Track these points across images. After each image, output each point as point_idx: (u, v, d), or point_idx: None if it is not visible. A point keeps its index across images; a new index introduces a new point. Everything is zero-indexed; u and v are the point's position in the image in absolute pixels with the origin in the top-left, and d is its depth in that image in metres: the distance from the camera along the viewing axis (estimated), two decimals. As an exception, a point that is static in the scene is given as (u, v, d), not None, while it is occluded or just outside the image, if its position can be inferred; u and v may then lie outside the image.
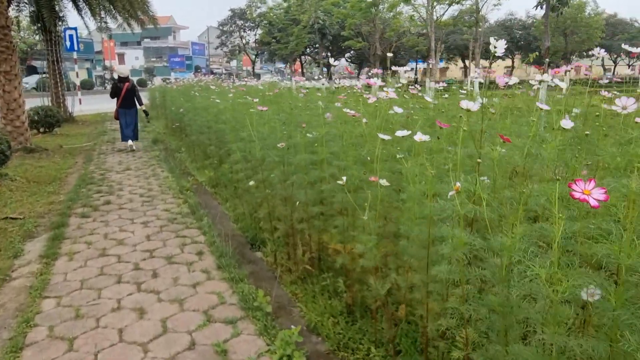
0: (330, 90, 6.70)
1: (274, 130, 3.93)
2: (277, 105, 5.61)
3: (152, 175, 7.44)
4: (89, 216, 5.30)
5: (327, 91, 6.51)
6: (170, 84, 20.11)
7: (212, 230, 4.76)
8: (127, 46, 66.37)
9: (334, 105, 3.85)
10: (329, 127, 3.28)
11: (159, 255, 4.16)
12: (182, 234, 4.74)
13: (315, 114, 3.82)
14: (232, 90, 8.46)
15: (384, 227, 2.44)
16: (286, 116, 3.93)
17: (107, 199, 6.02)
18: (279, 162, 3.34)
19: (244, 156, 4.74)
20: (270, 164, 3.51)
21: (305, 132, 3.29)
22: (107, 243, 4.47)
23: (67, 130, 13.52)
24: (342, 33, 27.16)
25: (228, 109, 6.37)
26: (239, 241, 4.49)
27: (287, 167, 3.31)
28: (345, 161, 2.83)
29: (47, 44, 14.96)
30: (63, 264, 3.98)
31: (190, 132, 8.96)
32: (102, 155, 9.42)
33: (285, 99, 5.25)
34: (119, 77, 9.75)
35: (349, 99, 4.13)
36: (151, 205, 5.74)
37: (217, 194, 6.27)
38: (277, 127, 3.86)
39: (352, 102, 3.83)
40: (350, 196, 2.55)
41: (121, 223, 5.08)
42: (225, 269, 3.79)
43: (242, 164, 4.90)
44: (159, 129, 13.66)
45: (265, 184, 3.80)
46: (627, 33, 48.57)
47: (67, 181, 7.09)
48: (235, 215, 5.29)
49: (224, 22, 41.21)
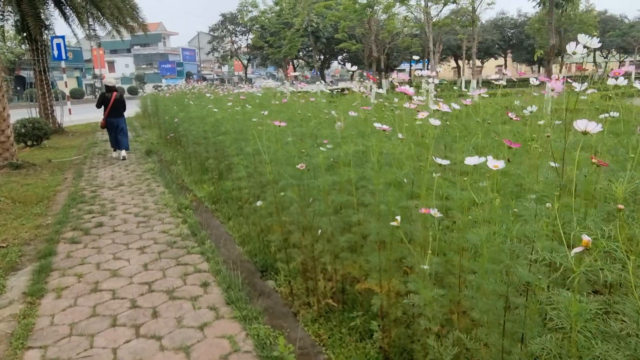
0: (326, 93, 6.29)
1: (285, 145, 3.49)
2: (281, 114, 5.18)
3: (147, 191, 6.96)
4: (79, 242, 4.83)
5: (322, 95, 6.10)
6: (162, 91, 19.63)
7: (216, 255, 4.30)
8: (116, 54, 65.68)
9: (351, 114, 3.43)
10: (351, 141, 2.84)
11: (159, 289, 3.69)
12: (184, 260, 4.27)
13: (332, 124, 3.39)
14: (230, 98, 8.02)
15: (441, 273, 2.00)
16: (301, 130, 3.48)
17: (99, 220, 5.55)
18: (295, 185, 2.89)
19: (249, 173, 4.30)
20: (285, 186, 3.05)
21: (325, 149, 2.85)
22: (99, 275, 4.00)
23: (56, 143, 13.00)
24: (336, 35, 26.74)
25: (227, 119, 5.93)
26: (247, 268, 4.04)
27: (307, 191, 2.86)
28: (376, 185, 2.39)
29: (34, 53, 14.42)
30: (50, 304, 3.50)
31: (186, 143, 8.49)
32: (93, 170, 8.92)
33: (293, 108, 4.81)
34: (107, 87, 9.92)
35: (359, 104, 3.71)
36: (147, 227, 5.27)
37: (219, 212, 5.81)
38: (289, 142, 3.42)
39: (375, 113, 3.40)
40: (390, 229, 2.12)
41: (115, 249, 4.61)
42: (236, 304, 3.34)
43: (246, 180, 4.46)
44: (152, 139, 13.16)
45: (277, 206, 3.35)
46: (618, 29, 48.64)
47: (55, 200, 6.60)
48: (241, 237, 4.84)
49: (215, 27, 40.65)
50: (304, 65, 46.09)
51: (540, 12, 33.54)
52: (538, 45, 36.26)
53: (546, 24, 14.09)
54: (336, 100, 5.65)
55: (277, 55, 27.79)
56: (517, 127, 2.79)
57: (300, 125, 3.98)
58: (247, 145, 4.82)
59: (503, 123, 2.92)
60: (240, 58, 45.28)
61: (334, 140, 3.17)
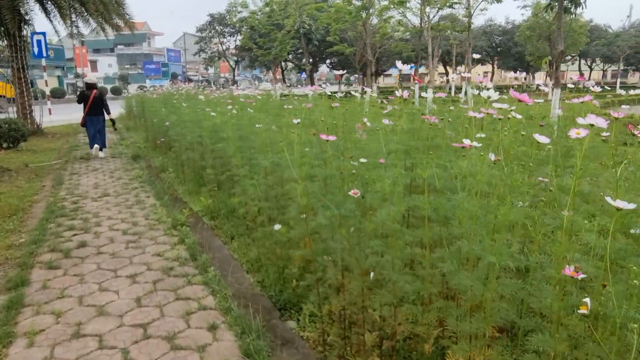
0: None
1: (317, 159, 2.86)
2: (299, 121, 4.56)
3: (136, 203, 6.23)
4: (57, 267, 4.10)
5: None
6: (147, 92, 18.80)
7: (222, 287, 3.63)
8: (99, 53, 64.15)
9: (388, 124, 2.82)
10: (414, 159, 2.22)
11: (156, 334, 3.01)
12: (184, 293, 3.59)
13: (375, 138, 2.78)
14: (229, 100, 7.37)
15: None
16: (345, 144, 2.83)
17: (81, 238, 4.82)
18: (346, 217, 2.25)
19: (264, 191, 3.64)
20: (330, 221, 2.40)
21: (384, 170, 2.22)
22: (82, 313, 3.29)
23: (34, 145, 12.11)
24: (327, 38, 26.10)
25: (228, 124, 5.28)
26: (262, 305, 3.37)
27: (364, 224, 2.21)
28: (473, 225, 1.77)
29: (11, 49, 13.50)
30: (20, 355, 2.79)
31: (178, 149, 7.78)
32: (74, 176, 8.13)
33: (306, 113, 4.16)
34: (87, 85, 9.89)
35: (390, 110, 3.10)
36: (138, 248, 4.57)
37: (219, 229, 5.14)
38: (323, 155, 2.78)
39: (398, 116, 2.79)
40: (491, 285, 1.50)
41: (101, 277, 3.90)
42: (256, 357, 2.68)
43: (261, 198, 3.80)
44: (138, 142, 12.37)
45: (310, 238, 2.69)
46: (603, 39, 49.11)
47: (31, 213, 5.83)
48: (249, 262, 4.17)
49: (202, 27, 39.62)
50: (292, 68, 45.35)
51: (533, 19, 33.51)
52: (529, 53, 36.29)
53: (554, 29, 13.76)
54: (347, 104, 5.04)
55: (267, 57, 27.05)
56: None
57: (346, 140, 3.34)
58: (258, 154, 4.18)
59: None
60: (228, 59, 44.34)
61: (377, 156, 2.55)
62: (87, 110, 9.65)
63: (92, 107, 9.66)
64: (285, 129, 4.44)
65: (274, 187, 3.58)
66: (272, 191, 3.60)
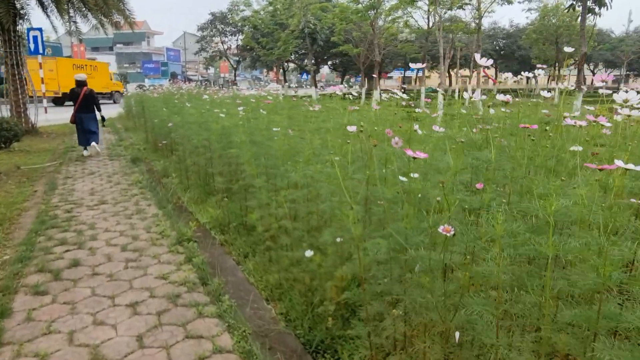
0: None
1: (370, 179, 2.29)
2: (321, 123, 4.01)
3: (136, 212, 5.65)
4: (45, 292, 3.52)
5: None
6: (146, 91, 18.26)
7: (240, 321, 3.05)
8: (98, 51, 63.49)
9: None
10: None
11: (163, 389, 2.43)
12: (195, 329, 3.01)
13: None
14: (238, 101, 6.82)
15: None
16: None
17: (74, 256, 4.23)
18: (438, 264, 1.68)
19: (292, 208, 3.07)
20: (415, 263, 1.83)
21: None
22: (72, 356, 2.71)
23: (28, 145, 11.52)
24: (332, 39, 25.55)
25: (240, 127, 4.73)
26: (289, 346, 2.80)
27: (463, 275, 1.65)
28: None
29: (5, 45, 12.90)
30: (-9, 418, 2.22)
31: (182, 152, 7.21)
32: (69, 180, 7.54)
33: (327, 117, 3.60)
34: (77, 82, 9.71)
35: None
36: (139, 268, 3.99)
37: (230, 245, 4.56)
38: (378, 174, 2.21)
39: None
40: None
41: (96, 306, 3.32)
42: None
43: (286, 218, 3.23)
44: (138, 143, 11.79)
45: (363, 276, 2.12)
46: (607, 43, 48.76)
47: (19, 223, 5.24)
48: (267, 287, 3.60)
49: (203, 26, 38.98)
50: (294, 68, 44.78)
51: (539, 22, 33.07)
52: (534, 56, 35.86)
53: (578, 30, 13.36)
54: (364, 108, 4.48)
55: (270, 57, 26.46)
56: None
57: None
58: (279, 163, 3.61)
59: None
60: (229, 59, 43.71)
61: (446, 175, 1.99)
62: (77, 108, 9.61)
63: (83, 105, 9.62)
64: (309, 134, 3.89)
65: (306, 204, 3.01)
66: (301, 209, 3.03)
